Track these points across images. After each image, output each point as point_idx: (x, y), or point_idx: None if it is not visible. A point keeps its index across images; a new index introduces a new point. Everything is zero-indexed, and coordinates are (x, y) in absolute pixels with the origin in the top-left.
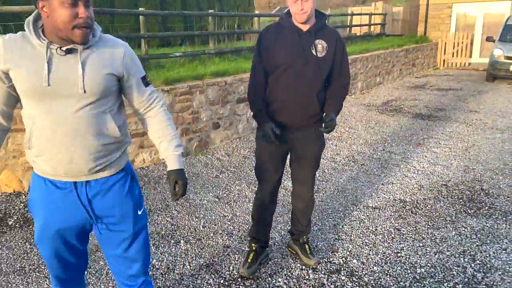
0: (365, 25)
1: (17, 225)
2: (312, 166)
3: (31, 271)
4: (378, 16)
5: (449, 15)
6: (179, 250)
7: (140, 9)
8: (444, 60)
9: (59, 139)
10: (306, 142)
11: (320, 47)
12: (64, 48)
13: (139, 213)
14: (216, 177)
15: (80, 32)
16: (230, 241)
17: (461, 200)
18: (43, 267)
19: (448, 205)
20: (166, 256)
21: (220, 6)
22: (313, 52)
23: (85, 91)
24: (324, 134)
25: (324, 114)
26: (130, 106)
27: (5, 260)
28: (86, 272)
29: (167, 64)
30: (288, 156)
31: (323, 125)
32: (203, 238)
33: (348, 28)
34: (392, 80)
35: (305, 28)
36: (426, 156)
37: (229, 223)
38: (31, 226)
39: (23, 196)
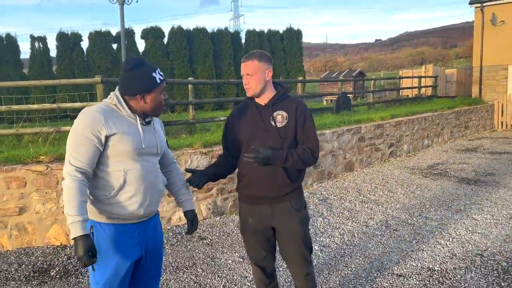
0: (413, 87)
1: (57, 276)
2: (298, 242)
3: None
4: (429, 78)
5: (505, 77)
6: None
7: (189, 78)
8: (502, 122)
9: (145, 186)
10: (284, 217)
11: (280, 117)
12: (147, 120)
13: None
14: None
15: (164, 109)
16: None
17: (495, 272)
18: None
19: (479, 276)
20: None
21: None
22: (273, 123)
23: (158, 152)
24: (305, 207)
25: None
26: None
27: None
28: None
29: (212, 127)
30: None
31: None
32: None
33: (396, 91)
34: (442, 142)
35: (263, 102)
36: (464, 223)
37: (248, 284)
38: (69, 277)
39: (68, 249)
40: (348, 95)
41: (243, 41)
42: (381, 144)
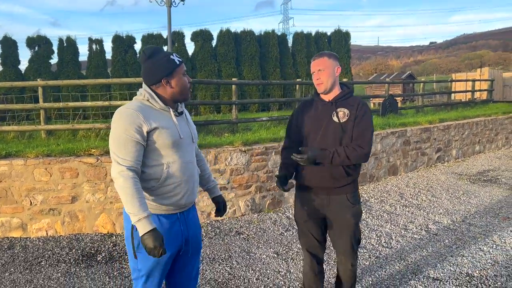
0: (466, 91)
1: (103, 261)
2: (348, 235)
3: None
4: (485, 82)
5: None
6: None
7: (233, 79)
8: None
9: (186, 177)
10: (337, 209)
11: (342, 113)
12: (179, 111)
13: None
14: (281, 234)
15: (191, 91)
16: None
17: None
18: None
19: None
20: None
21: None
22: (335, 118)
23: (193, 140)
24: (359, 202)
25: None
26: None
27: None
28: None
29: (254, 127)
30: None
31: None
32: None
33: (447, 95)
34: (495, 149)
35: (328, 98)
36: (511, 231)
37: (281, 278)
38: (113, 263)
39: (114, 237)
40: (395, 98)
41: (290, 43)
42: (428, 148)
